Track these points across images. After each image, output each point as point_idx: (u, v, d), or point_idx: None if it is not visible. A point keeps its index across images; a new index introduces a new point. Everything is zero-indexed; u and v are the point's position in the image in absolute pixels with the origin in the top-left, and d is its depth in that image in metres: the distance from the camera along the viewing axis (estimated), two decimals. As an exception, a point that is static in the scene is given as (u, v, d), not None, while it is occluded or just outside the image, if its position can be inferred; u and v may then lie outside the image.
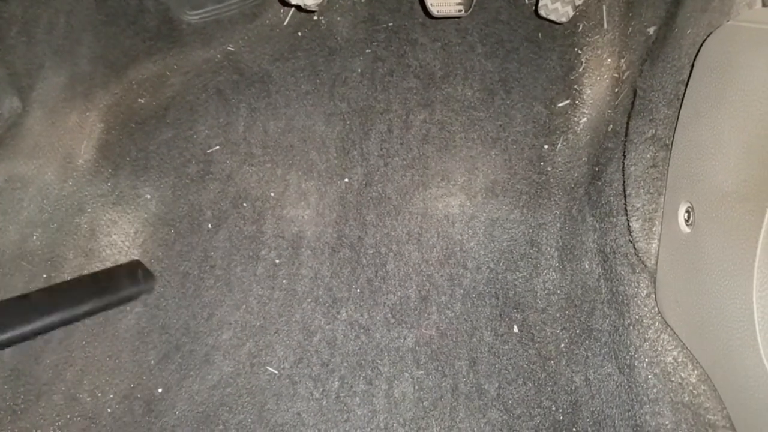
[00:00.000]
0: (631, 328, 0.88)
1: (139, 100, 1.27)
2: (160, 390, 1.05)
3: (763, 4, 0.73)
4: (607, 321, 0.95)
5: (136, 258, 1.14)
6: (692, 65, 0.81)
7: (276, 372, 1.05)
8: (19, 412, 1.04)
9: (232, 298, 1.11)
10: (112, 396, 1.05)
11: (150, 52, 1.29)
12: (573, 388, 0.98)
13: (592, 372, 0.96)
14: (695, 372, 0.77)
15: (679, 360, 0.79)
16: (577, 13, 1.15)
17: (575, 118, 1.16)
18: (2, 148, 1.19)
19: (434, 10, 1.09)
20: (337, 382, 1.04)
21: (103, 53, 1.25)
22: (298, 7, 1.14)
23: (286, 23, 1.32)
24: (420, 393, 1.02)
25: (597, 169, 1.08)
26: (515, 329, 1.05)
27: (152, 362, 1.07)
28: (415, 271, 1.10)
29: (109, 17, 1.24)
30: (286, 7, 1.31)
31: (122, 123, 1.24)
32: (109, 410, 1.04)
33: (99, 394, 1.05)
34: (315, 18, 1.31)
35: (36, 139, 1.20)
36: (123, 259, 1.14)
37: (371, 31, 1.29)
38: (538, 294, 1.07)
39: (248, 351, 1.07)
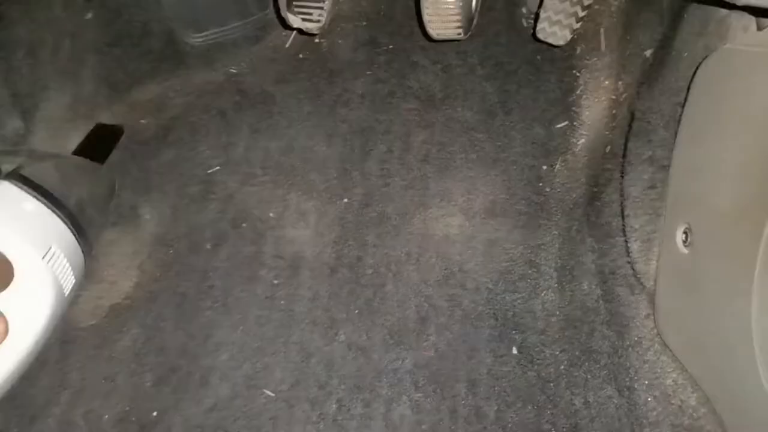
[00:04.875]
0: (631, 349, 0.88)
1: (141, 120, 1.28)
2: (155, 413, 1.04)
3: (758, 28, 0.74)
4: (607, 342, 0.94)
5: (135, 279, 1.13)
6: (689, 87, 0.81)
7: (273, 395, 1.04)
8: (12, 435, 1.03)
9: (230, 320, 1.10)
10: (106, 419, 1.04)
11: (153, 74, 1.30)
12: (573, 411, 0.97)
13: (591, 394, 0.95)
14: (695, 394, 0.76)
15: (679, 382, 0.78)
16: (575, 37, 1.16)
17: (574, 140, 1.17)
18: (4, 168, 1.20)
19: (434, 33, 1.10)
20: (334, 405, 1.03)
21: (107, 75, 1.27)
22: (300, 31, 1.15)
23: (288, 46, 1.34)
24: (418, 416, 1.01)
25: (595, 190, 1.08)
26: (514, 351, 1.04)
27: (148, 384, 1.06)
28: (414, 292, 1.10)
29: (113, 39, 1.26)
30: (288, 30, 1.33)
31: (124, 143, 1.25)
32: (103, 433, 1.03)
33: (94, 418, 1.04)
34: (316, 41, 1.33)
35: None
36: (121, 280, 1.14)
37: (372, 53, 1.31)
38: (537, 315, 1.06)
39: (245, 373, 1.06)
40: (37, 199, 0.66)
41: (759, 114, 0.65)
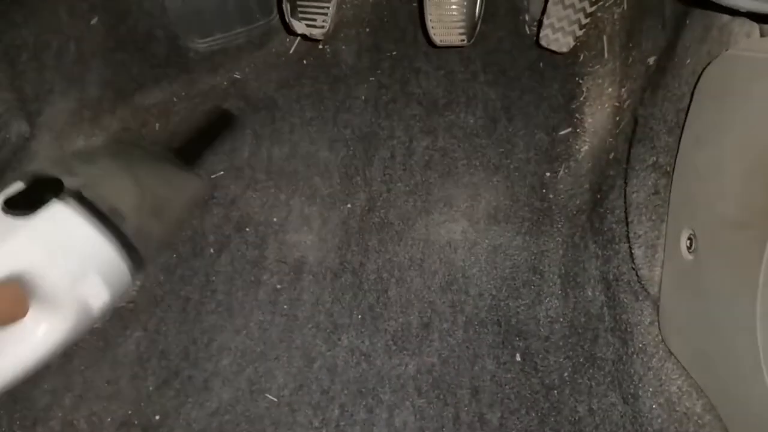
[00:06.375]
0: (635, 356, 0.87)
1: (146, 125, 1.28)
2: (157, 417, 1.04)
3: (761, 35, 0.74)
4: (611, 349, 0.94)
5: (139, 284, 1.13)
6: (692, 94, 0.81)
7: (275, 399, 1.04)
8: (14, 438, 1.03)
9: (232, 324, 1.10)
10: (109, 422, 1.04)
11: (158, 79, 1.31)
12: (577, 418, 0.96)
13: (596, 401, 0.95)
14: (700, 401, 0.75)
15: (684, 389, 0.78)
16: (578, 44, 1.17)
17: (577, 146, 1.17)
18: (9, 171, 1.20)
19: (437, 39, 1.11)
20: (337, 411, 1.03)
21: (112, 79, 1.27)
22: (304, 36, 1.16)
23: (291, 51, 1.34)
24: (421, 422, 1.01)
25: (599, 196, 1.08)
26: (518, 357, 1.04)
27: (151, 388, 1.06)
28: (417, 298, 1.10)
29: (118, 44, 1.26)
30: (291, 36, 1.34)
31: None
32: (105, 437, 1.03)
33: (96, 421, 1.04)
34: (320, 46, 1.33)
35: (42, 164, 1.21)
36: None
37: (375, 59, 1.31)
38: (541, 322, 1.06)
39: (248, 377, 1.06)
40: (91, 225, 0.62)
41: (762, 120, 0.65)
